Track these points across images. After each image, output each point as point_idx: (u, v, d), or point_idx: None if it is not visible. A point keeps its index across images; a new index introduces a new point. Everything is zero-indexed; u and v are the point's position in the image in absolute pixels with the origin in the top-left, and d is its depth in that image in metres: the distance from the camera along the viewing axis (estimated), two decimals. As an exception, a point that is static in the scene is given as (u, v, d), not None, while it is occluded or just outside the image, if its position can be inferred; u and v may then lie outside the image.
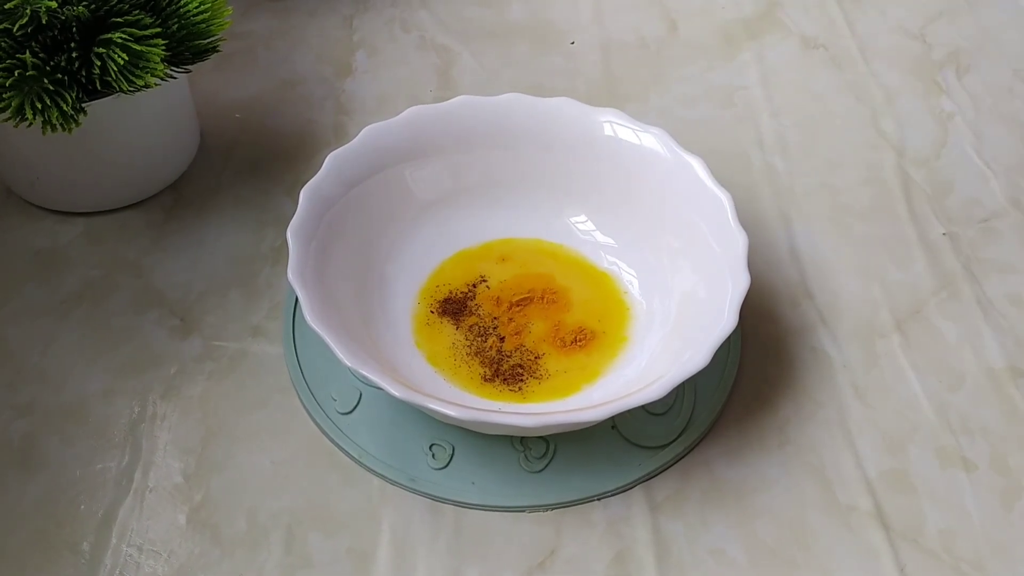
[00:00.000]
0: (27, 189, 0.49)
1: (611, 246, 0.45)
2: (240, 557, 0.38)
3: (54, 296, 0.46)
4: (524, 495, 0.39)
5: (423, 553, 0.38)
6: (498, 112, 0.45)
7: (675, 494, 0.39)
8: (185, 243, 0.48)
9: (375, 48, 0.58)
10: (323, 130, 0.53)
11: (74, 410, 0.42)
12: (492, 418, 0.36)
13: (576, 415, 0.37)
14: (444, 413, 0.35)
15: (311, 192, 0.41)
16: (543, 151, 0.45)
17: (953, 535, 0.38)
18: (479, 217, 0.46)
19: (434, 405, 0.35)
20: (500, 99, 0.45)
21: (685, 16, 0.60)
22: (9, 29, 0.40)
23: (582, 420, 0.36)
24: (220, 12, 0.45)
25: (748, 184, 0.50)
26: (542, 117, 0.45)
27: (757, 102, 0.55)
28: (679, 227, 0.43)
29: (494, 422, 0.36)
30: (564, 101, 0.45)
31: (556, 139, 0.45)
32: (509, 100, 0.45)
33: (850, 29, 0.59)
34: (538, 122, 0.45)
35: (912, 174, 0.51)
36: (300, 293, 0.38)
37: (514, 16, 0.60)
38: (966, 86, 0.56)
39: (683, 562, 0.38)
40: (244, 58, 0.57)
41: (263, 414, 0.42)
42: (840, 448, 0.41)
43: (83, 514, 0.39)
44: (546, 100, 0.45)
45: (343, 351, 0.36)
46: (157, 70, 0.42)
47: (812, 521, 0.39)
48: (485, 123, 0.45)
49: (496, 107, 0.45)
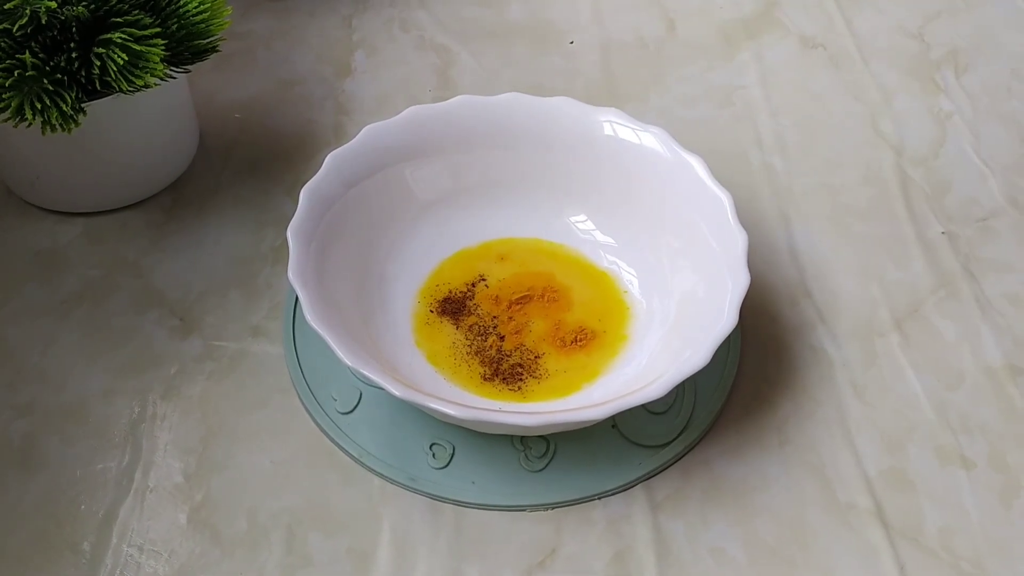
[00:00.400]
0: (27, 189, 0.49)
1: (611, 245, 0.45)
2: (240, 557, 0.38)
3: (54, 296, 0.46)
4: (524, 494, 0.39)
5: (423, 552, 0.38)
6: (498, 112, 0.45)
7: (675, 493, 0.40)
8: (185, 243, 0.48)
9: (374, 48, 0.58)
10: (322, 130, 0.53)
11: (74, 410, 0.42)
12: (492, 417, 0.36)
13: (576, 414, 0.37)
14: (444, 412, 0.36)
15: (311, 192, 0.41)
16: (543, 151, 0.45)
17: (952, 533, 0.38)
18: (479, 217, 0.46)
19: (434, 404, 0.36)
20: (500, 99, 0.45)
21: (684, 16, 0.60)
22: (9, 29, 0.40)
23: (582, 419, 0.36)
24: (220, 12, 0.45)
25: (747, 184, 0.50)
26: (542, 117, 0.45)
27: (756, 102, 0.55)
28: (679, 226, 0.43)
29: (494, 421, 0.36)
30: (564, 101, 0.45)
31: (556, 139, 0.45)
32: (509, 100, 0.45)
33: (849, 29, 0.59)
34: (538, 122, 0.45)
35: (911, 173, 0.51)
36: (300, 293, 0.38)
37: (513, 16, 0.60)
38: (964, 86, 0.56)
39: (683, 561, 0.38)
40: (243, 58, 0.57)
41: (263, 414, 0.42)
42: (839, 447, 0.41)
43: (84, 514, 0.39)
44: (546, 100, 0.45)
45: (343, 351, 0.36)
46: (157, 70, 0.42)
47: (812, 520, 0.39)
48: (485, 123, 0.45)
49: (496, 107, 0.45)
